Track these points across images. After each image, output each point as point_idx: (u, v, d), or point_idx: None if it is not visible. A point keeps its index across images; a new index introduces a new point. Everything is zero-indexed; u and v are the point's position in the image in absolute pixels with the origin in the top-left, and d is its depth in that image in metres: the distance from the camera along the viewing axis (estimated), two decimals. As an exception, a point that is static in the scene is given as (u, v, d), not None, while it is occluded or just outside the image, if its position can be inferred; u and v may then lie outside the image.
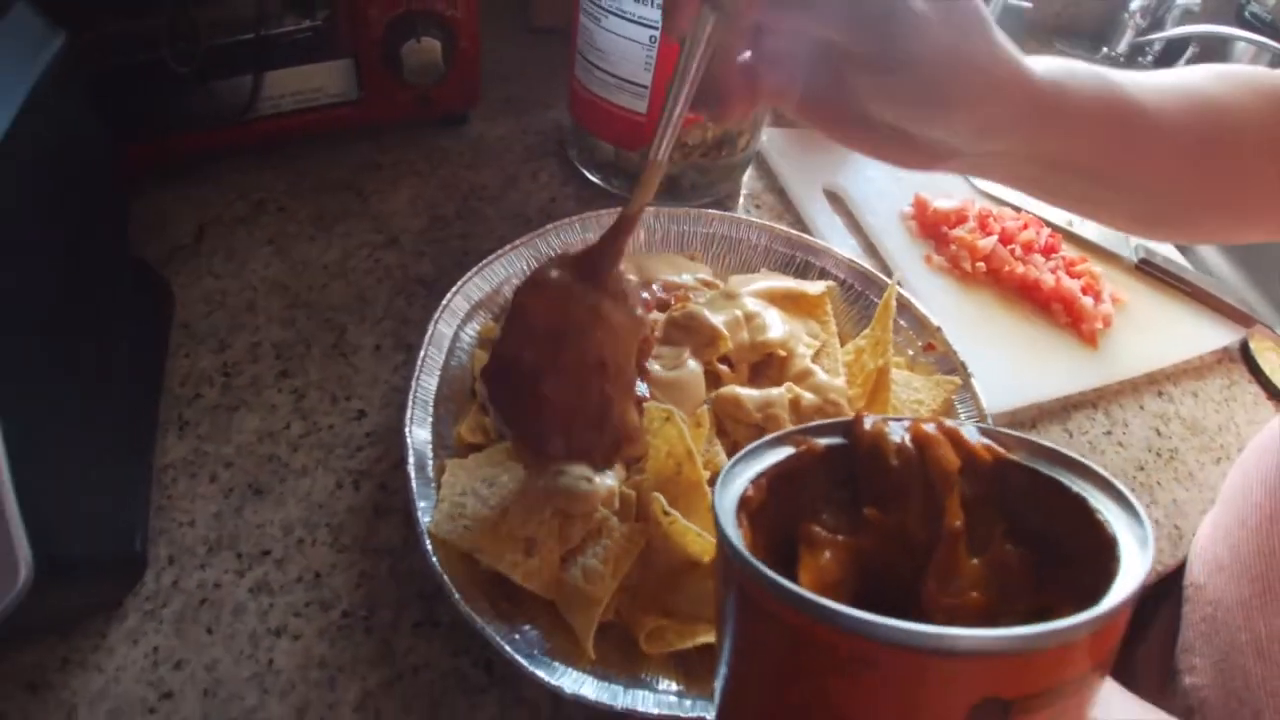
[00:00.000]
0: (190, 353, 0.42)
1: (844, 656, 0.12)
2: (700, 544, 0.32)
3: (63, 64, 0.33)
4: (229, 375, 0.42)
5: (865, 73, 0.25)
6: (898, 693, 0.12)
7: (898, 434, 0.18)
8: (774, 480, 0.17)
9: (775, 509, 0.17)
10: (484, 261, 0.42)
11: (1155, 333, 0.53)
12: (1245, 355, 0.53)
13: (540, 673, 0.29)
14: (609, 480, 0.32)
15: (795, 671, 0.13)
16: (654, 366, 0.36)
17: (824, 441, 0.19)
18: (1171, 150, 0.31)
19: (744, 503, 0.16)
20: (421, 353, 0.37)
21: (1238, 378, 0.53)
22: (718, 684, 0.16)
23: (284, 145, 0.52)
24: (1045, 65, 0.28)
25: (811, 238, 0.47)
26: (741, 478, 0.17)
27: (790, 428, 0.21)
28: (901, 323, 0.44)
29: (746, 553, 0.14)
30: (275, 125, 0.48)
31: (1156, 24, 0.85)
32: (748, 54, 0.28)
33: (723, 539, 0.15)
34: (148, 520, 0.35)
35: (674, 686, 0.31)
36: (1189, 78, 0.33)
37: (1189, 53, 0.85)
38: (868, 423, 0.19)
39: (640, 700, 0.29)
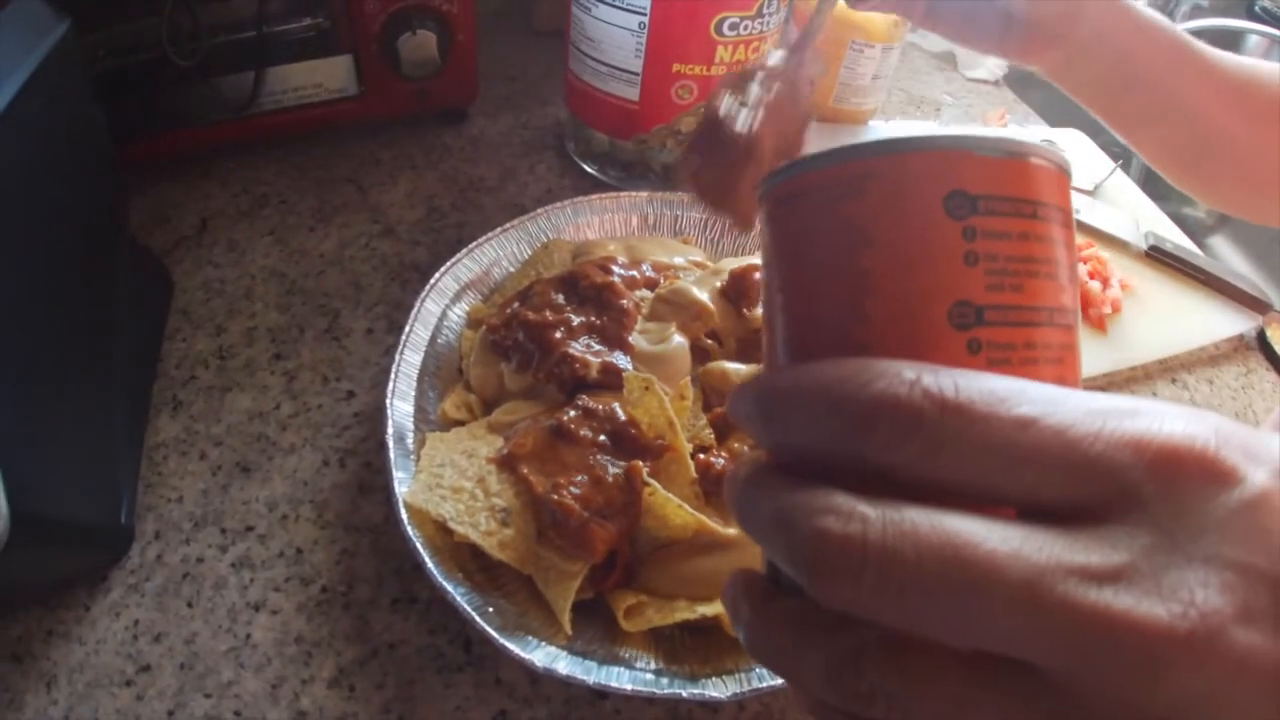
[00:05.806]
0: (187, 337, 0.43)
1: (855, 179, 0.15)
2: (682, 516, 0.31)
3: (65, 50, 0.34)
4: (224, 358, 0.42)
5: None
6: (893, 194, 0.14)
7: None
8: None
9: None
10: (474, 243, 0.42)
11: (1167, 319, 0.51)
12: (1262, 343, 0.51)
13: (512, 646, 0.28)
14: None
15: (825, 225, 0.15)
16: (638, 341, 0.36)
17: None
18: (1217, 88, 0.38)
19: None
20: (407, 329, 0.37)
21: (1255, 365, 0.51)
22: (774, 320, 0.17)
23: (287, 140, 0.54)
24: None
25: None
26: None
27: None
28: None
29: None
30: (277, 120, 0.49)
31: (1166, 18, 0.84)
32: None
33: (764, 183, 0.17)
34: (135, 495, 0.36)
35: (653, 665, 0.30)
36: (1249, 58, 0.40)
37: (1201, 48, 0.83)
38: None
39: (615, 677, 0.28)
